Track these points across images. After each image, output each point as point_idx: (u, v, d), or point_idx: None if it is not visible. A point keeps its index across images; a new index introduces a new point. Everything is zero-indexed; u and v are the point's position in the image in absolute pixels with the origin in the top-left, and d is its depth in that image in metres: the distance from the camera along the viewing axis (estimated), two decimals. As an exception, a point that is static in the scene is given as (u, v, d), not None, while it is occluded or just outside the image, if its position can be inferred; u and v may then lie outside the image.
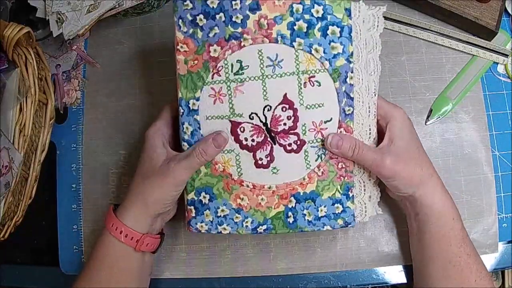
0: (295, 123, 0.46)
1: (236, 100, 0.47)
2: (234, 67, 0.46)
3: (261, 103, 0.46)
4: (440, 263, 0.46)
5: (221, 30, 0.46)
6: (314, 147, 0.47)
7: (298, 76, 0.46)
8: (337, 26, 0.45)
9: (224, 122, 0.47)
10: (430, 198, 0.47)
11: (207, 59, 0.47)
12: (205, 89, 0.47)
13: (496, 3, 0.57)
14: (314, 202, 0.47)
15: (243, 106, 0.47)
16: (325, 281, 0.55)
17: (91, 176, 0.61)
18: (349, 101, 0.46)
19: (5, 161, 0.52)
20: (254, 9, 0.45)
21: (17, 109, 0.54)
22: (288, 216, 0.47)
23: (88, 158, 0.61)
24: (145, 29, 0.64)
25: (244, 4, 0.45)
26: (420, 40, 0.59)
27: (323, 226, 0.47)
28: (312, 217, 0.47)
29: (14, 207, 0.55)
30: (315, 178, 0.47)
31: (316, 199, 0.47)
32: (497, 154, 0.56)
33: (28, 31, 0.52)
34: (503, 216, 0.55)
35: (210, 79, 0.47)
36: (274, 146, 0.47)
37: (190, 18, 0.46)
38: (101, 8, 0.57)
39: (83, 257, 0.59)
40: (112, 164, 0.61)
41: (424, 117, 0.58)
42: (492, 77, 0.58)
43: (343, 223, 0.47)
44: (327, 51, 0.45)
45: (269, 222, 0.48)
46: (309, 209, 0.47)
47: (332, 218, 0.47)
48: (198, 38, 0.46)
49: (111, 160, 0.61)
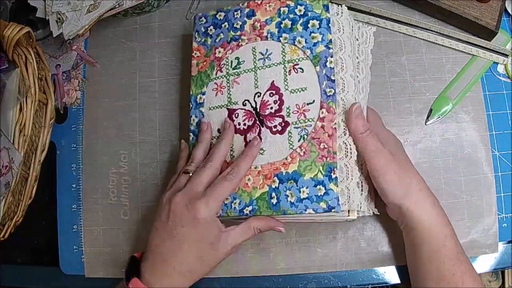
0: (280, 106, 0.50)
1: (233, 90, 0.52)
2: (233, 63, 0.53)
3: (252, 91, 0.52)
4: (434, 280, 0.46)
5: (225, 35, 0.54)
6: (297, 128, 0.49)
7: (284, 65, 0.51)
8: (316, 20, 0.51)
9: (223, 110, 0.52)
10: (418, 213, 0.47)
11: (213, 59, 0.54)
12: (210, 85, 0.54)
13: (496, 3, 0.57)
14: (296, 183, 0.47)
15: (238, 95, 0.52)
16: (325, 281, 0.55)
17: (91, 176, 0.61)
18: (330, 83, 0.49)
19: (5, 161, 0.52)
20: (250, 16, 0.54)
21: (17, 109, 0.54)
22: (271, 197, 0.48)
23: (88, 158, 0.61)
24: (145, 29, 0.64)
25: (243, 12, 0.54)
26: (420, 40, 0.59)
27: (305, 209, 0.46)
28: (294, 199, 0.47)
29: (14, 207, 0.55)
30: (297, 158, 0.48)
31: (298, 179, 0.47)
32: (497, 154, 0.56)
33: (28, 31, 0.52)
34: (503, 216, 0.55)
35: (214, 75, 0.54)
36: (262, 128, 0.50)
37: (203, 30, 0.56)
38: (101, 8, 0.57)
39: (83, 257, 0.59)
40: (112, 164, 0.61)
41: (424, 117, 0.58)
42: (492, 77, 0.58)
43: (326, 207, 0.46)
44: (308, 41, 0.51)
45: (254, 203, 0.48)
46: (291, 189, 0.47)
47: (315, 201, 0.47)
48: (208, 44, 0.55)
49: (111, 160, 0.61)
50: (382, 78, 0.59)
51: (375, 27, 0.57)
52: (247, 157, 0.48)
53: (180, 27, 0.63)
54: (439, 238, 0.46)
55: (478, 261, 0.54)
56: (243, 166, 0.48)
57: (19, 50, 0.54)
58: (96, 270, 0.58)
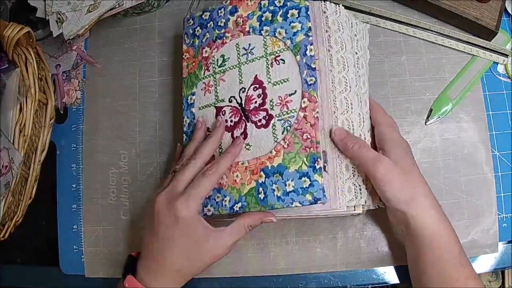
0: (264, 100, 0.50)
1: (219, 88, 0.53)
2: (218, 61, 0.53)
3: (237, 87, 0.51)
4: (438, 285, 0.45)
5: (211, 34, 0.54)
6: (281, 120, 0.49)
7: (266, 58, 0.51)
8: (295, 9, 0.50)
9: (211, 109, 0.53)
10: (423, 221, 0.46)
11: (200, 59, 0.54)
12: (199, 85, 0.54)
13: (496, 3, 0.57)
14: (281, 176, 0.47)
15: (225, 93, 0.52)
16: (325, 281, 0.55)
17: (91, 176, 0.61)
18: (311, 72, 0.48)
19: (5, 161, 0.52)
20: (233, 12, 0.53)
21: (17, 109, 0.54)
22: (259, 192, 0.48)
23: (88, 158, 0.61)
24: (145, 29, 0.64)
25: (226, 10, 0.54)
26: (420, 40, 0.59)
27: (292, 202, 0.46)
28: (280, 193, 0.47)
29: (14, 207, 0.55)
30: (282, 151, 0.48)
31: (283, 172, 0.47)
32: (497, 154, 0.56)
33: (28, 31, 0.52)
34: (503, 216, 0.55)
35: (203, 75, 0.54)
36: (247, 123, 0.50)
37: (191, 32, 0.56)
38: (101, 8, 0.57)
39: (83, 257, 0.59)
40: (112, 164, 0.61)
41: (424, 117, 0.58)
42: (492, 77, 0.58)
43: (312, 199, 0.45)
44: (288, 31, 0.50)
45: (243, 199, 0.48)
46: (277, 183, 0.47)
47: (301, 193, 0.46)
48: (196, 45, 0.55)
49: (111, 160, 0.61)
50: (382, 78, 0.59)
51: (369, 25, 0.58)
52: (228, 155, 0.48)
53: (180, 27, 0.63)
54: (443, 244, 0.46)
55: (478, 261, 0.54)
56: (223, 163, 0.48)
57: (19, 50, 0.54)
58: (96, 270, 0.58)
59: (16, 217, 0.55)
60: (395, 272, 0.55)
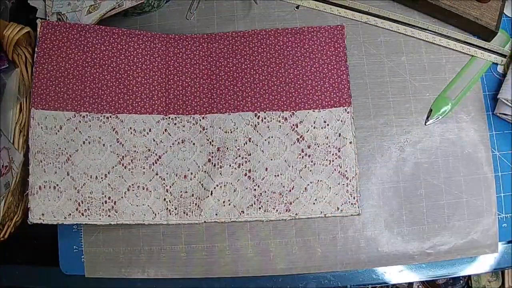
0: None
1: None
2: None
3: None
4: None
5: None
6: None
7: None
8: None
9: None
10: None
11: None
12: None
13: (496, 3, 0.57)
14: None
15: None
16: (325, 281, 0.55)
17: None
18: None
19: (5, 161, 0.52)
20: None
21: (17, 109, 0.54)
22: None
23: (88, 158, 0.61)
24: (145, 29, 0.64)
25: None
26: (420, 40, 0.59)
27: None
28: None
29: (14, 207, 0.55)
30: None
31: None
32: (497, 154, 0.56)
33: (28, 31, 0.52)
34: (503, 216, 0.55)
35: None
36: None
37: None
38: (101, 9, 0.57)
39: (83, 257, 0.59)
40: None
41: (424, 117, 0.58)
42: (492, 77, 0.58)
43: None
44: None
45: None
46: None
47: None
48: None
49: (111, 160, 0.61)
50: (382, 78, 0.59)
51: (369, 25, 0.58)
52: None
53: (180, 27, 0.63)
54: None
55: (478, 261, 0.54)
56: None
57: (19, 50, 0.54)
58: (96, 270, 0.58)
59: (16, 217, 0.55)
60: (395, 272, 0.55)
